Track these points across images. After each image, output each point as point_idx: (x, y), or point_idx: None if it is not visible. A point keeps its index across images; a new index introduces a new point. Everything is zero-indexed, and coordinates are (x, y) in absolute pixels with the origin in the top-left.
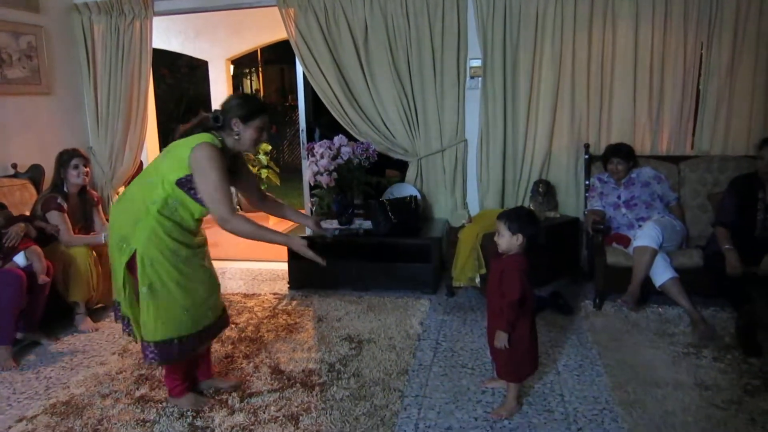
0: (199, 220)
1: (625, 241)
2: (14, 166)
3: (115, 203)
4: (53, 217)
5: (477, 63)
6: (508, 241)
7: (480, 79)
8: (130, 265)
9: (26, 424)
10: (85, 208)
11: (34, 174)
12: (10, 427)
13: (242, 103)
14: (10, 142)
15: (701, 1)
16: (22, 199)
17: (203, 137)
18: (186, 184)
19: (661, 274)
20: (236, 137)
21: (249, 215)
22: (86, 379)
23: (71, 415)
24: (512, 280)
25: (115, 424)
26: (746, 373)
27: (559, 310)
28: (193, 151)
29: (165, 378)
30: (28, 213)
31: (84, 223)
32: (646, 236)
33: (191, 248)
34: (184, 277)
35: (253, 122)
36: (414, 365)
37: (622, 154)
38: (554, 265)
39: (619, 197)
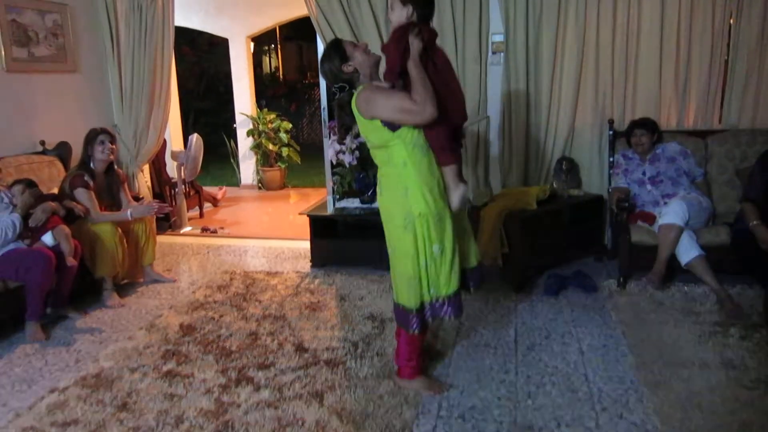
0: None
1: (650, 219)
2: (42, 143)
3: (380, 196)
4: (80, 194)
5: (499, 38)
6: (398, 14)
7: (502, 54)
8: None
9: (58, 395)
10: (112, 186)
11: (62, 151)
12: (43, 398)
13: None
14: (37, 120)
15: None
16: (51, 175)
17: None
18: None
19: (687, 252)
20: None
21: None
22: (115, 353)
23: (101, 388)
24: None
25: (144, 397)
26: None
27: (583, 288)
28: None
29: (398, 357)
30: (56, 190)
31: (111, 200)
32: (671, 213)
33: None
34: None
35: None
36: (437, 345)
37: (645, 126)
38: (578, 243)
39: (644, 173)
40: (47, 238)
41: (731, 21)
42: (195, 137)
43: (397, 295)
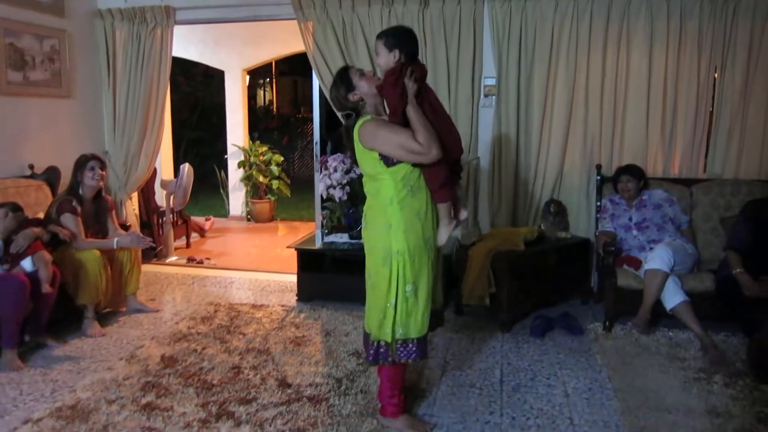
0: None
1: (636, 264)
2: (31, 167)
3: (364, 229)
4: (67, 219)
5: (491, 81)
6: (385, 59)
7: (494, 97)
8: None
9: (32, 427)
10: (99, 213)
11: (51, 176)
12: (15, 429)
13: None
14: (28, 143)
15: (715, 24)
16: (38, 200)
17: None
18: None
19: (672, 297)
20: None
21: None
22: (93, 384)
23: (77, 420)
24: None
25: (121, 430)
26: (758, 400)
27: (569, 331)
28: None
29: (381, 394)
30: (42, 215)
31: (98, 227)
32: (657, 259)
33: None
34: (434, 257)
35: None
36: (421, 383)
37: (631, 172)
38: (564, 286)
39: (630, 219)
40: (26, 263)
41: (716, 74)
42: (186, 167)
43: (366, 322)
